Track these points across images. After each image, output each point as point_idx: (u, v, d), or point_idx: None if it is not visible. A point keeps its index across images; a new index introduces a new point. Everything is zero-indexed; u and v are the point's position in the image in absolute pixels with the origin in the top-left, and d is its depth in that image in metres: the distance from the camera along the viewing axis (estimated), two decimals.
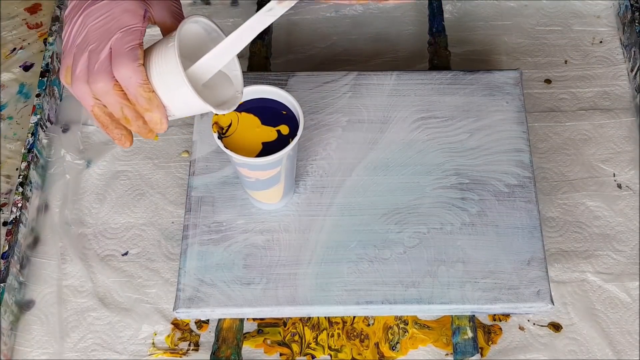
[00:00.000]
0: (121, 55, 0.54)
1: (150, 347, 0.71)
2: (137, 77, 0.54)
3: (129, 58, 0.54)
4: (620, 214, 0.76)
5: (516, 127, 0.75)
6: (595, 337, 0.70)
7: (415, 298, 0.67)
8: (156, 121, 0.56)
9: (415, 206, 0.71)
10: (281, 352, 0.70)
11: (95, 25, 0.55)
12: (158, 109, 0.56)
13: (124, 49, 0.54)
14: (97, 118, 0.57)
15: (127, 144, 0.58)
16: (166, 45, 0.55)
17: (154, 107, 0.55)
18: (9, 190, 0.80)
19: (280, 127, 0.64)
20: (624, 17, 0.86)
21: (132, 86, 0.54)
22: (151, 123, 0.57)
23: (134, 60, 0.54)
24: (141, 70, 0.54)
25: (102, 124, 0.57)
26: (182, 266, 0.69)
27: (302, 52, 0.88)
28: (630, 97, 0.83)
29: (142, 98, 0.55)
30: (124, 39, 0.54)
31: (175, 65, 0.54)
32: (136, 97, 0.55)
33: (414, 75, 0.78)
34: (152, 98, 0.55)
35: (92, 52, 0.55)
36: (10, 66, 0.89)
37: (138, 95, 0.55)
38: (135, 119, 0.56)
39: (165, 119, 0.56)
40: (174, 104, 0.56)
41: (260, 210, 0.71)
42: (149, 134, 0.58)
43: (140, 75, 0.54)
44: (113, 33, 0.54)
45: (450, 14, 0.90)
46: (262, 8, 0.55)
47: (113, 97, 0.55)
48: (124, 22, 0.55)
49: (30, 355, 0.71)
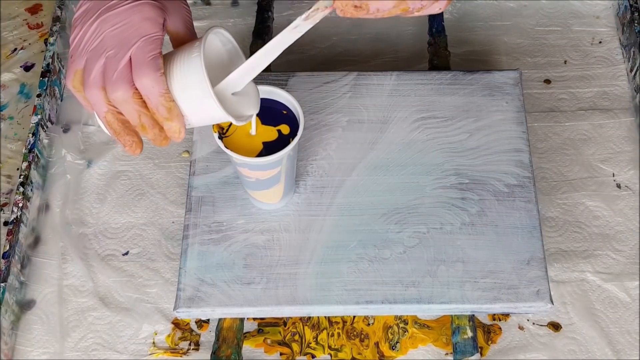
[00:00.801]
0: (143, 64, 0.54)
1: (151, 347, 0.71)
2: (160, 86, 0.54)
3: (151, 68, 0.54)
4: (620, 213, 0.76)
5: (516, 127, 0.75)
6: (594, 337, 0.70)
7: (415, 298, 0.67)
8: (175, 130, 0.56)
9: (415, 206, 0.71)
10: (281, 352, 0.70)
11: (113, 32, 0.54)
12: (178, 119, 0.56)
13: (146, 58, 0.54)
14: (109, 125, 0.57)
15: (137, 150, 0.58)
16: (189, 55, 0.55)
17: (174, 116, 0.55)
18: (10, 190, 0.80)
19: (281, 127, 0.65)
20: (623, 17, 0.86)
21: (154, 96, 0.54)
22: (169, 132, 0.57)
23: (156, 70, 0.54)
24: (163, 80, 0.54)
25: (114, 131, 0.57)
26: (182, 266, 0.69)
27: (302, 52, 0.88)
28: (630, 97, 0.83)
29: (163, 107, 0.55)
30: (145, 47, 0.54)
31: (201, 77, 0.54)
32: (157, 107, 0.55)
33: (414, 76, 0.78)
34: (173, 108, 0.55)
35: (110, 59, 0.54)
36: (11, 66, 0.89)
37: (159, 105, 0.55)
38: (152, 127, 0.56)
39: (183, 128, 0.56)
40: (194, 114, 0.56)
41: (260, 210, 0.71)
42: (163, 141, 0.57)
43: (162, 85, 0.54)
44: (133, 41, 0.54)
45: (450, 14, 0.90)
46: (289, 26, 0.54)
47: (132, 106, 0.55)
48: (145, 30, 0.54)
49: (31, 354, 0.71)
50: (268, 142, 0.64)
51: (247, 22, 0.90)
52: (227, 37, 0.59)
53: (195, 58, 0.54)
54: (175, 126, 0.56)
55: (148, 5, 0.55)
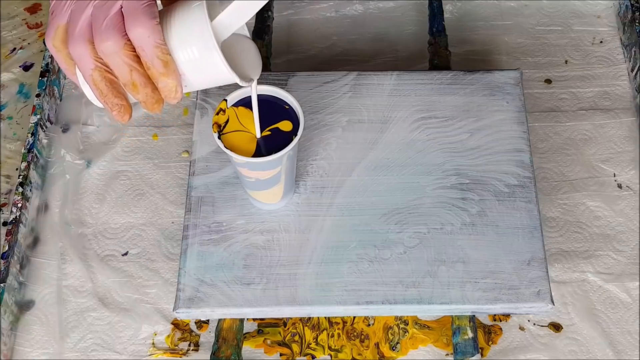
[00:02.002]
0: (136, 11, 0.49)
1: (150, 347, 0.71)
2: (155, 36, 0.49)
3: (146, 15, 0.49)
4: (621, 214, 0.76)
5: (516, 127, 0.75)
6: (595, 337, 0.70)
7: (416, 298, 0.67)
8: (171, 88, 0.51)
9: (416, 206, 0.71)
10: (281, 352, 0.70)
11: None
12: (174, 75, 0.51)
13: (139, 5, 0.49)
14: (95, 84, 0.51)
15: (126, 116, 0.53)
16: (189, 5, 0.50)
17: (171, 71, 0.50)
18: (9, 190, 0.80)
19: (283, 123, 0.64)
20: (624, 17, 0.86)
21: (149, 47, 0.49)
22: (164, 90, 0.51)
23: (152, 17, 0.49)
24: (159, 29, 0.49)
25: (101, 92, 0.52)
26: (182, 266, 0.68)
27: (302, 52, 0.88)
28: (631, 97, 0.83)
29: (159, 61, 0.50)
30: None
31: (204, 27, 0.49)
32: (152, 60, 0.50)
33: (414, 75, 0.78)
34: (170, 61, 0.50)
35: (98, 7, 0.49)
36: (10, 66, 0.89)
37: (154, 57, 0.49)
38: (143, 86, 0.51)
39: (180, 87, 0.51)
40: (193, 71, 0.52)
41: (260, 210, 0.71)
42: (155, 104, 0.52)
43: (159, 34, 0.49)
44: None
45: (451, 14, 0.90)
46: None
47: (122, 58, 0.49)
48: None
49: (30, 355, 0.71)
50: (262, 137, 0.63)
51: (247, 22, 0.89)
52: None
53: (196, 7, 0.50)
54: (172, 83, 0.51)
55: None
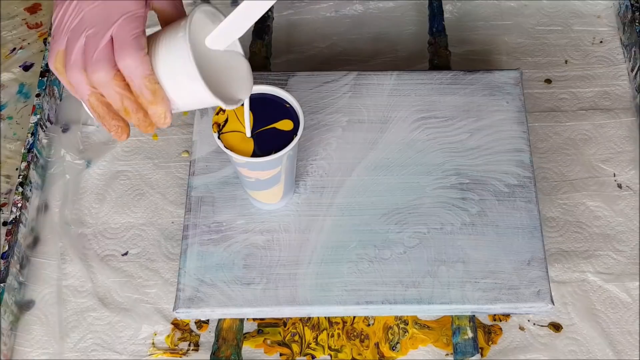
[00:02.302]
0: (125, 43, 0.51)
1: (150, 347, 0.71)
2: (143, 67, 0.51)
3: (134, 47, 0.51)
4: (621, 214, 0.76)
5: (516, 127, 0.75)
6: (595, 337, 0.70)
7: (416, 298, 0.67)
8: (160, 115, 0.53)
9: (416, 206, 0.71)
10: (281, 352, 0.70)
11: (93, 10, 0.51)
12: (163, 102, 0.53)
13: (128, 37, 0.51)
14: (92, 108, 0.54)
15: (123, 136, 0.55)
16: (175, 35, 0.52)
17: (159, 100, 0.52)
18: (9, 190, 0.80)
19: (283, 122, 0.64)
20: (624, 16, 0.86)
21: (137, 77, 0.51)
22: (154, 116, 0.53)
23: (140, 49, 0.51)
24: (147, 60, 0.51)
25: (98, 115, 0.54)
26: (182, 266, 0.68)
27: (302, 52, 0.88)
28: (631, 97, 0.83)
29: (147, 90, 0.52)
30: (127, 26, 0.51)
31: (186, 58, 0.51)
32: (141, 89, 0.52)
33: (414, 75, 0.78)
34: (158, 90, 0.52)
35: (90, 38, 0.51)
36: (10, 66, 0.89)
37: (143, 87, 0.52)
38: (135, 112, 0.53)
39: (169, 112, 0.53)
40: (180, 97, 0.54)
41: (260, 210, 0.71)
42: (148, 127, 0.54)
43: (147, 65, 0.51)
44: (114, 19, 0.51)
45: (451, 14, 0.90)
46: None
47: (113, 88, 0.52)
48: (126, 7, 0.51)
49: (30, 355, 0.71)
50: (262, 137, 0.63)
51: None
52: (217, 15, 0.55)
53: (180, 38, 0.51)
54: (161, 110, 0.53)
55: None
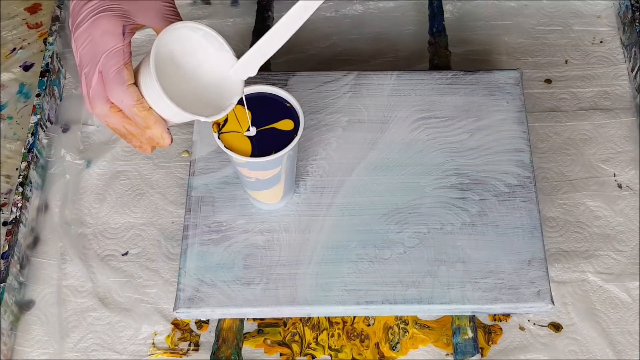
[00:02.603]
0: (109, 80, 0.55)
1: (150, 347, 0.71)
2: (128, 98, 0.55)
3: (117, 82, 0.54)
4: (621, 214, 0.76)
5: (516, 127, 0.75)
6: (595, 337, 0.70)
7: (416, 298, 0.67)
8: (157, 136, 0.57)
9: (416, 206, 0.71)
10: (281, 352, 0.70)
11: (83, 50, 0.56)
12: (156, 125, 0.56)
13: (110, 74, 0.55)
14: (114, 132, 0.59)
15: (148, 150, 0.60)
16: (147, 64, 0.55)
17: (152, 123, 0.56)
18: (9, 190, 0.80)
19: (284, 122, 0.64)
20: (624, 17, 0.86)
21: (126, 108, 0.55)
22: (153, 139, 0.58)
23: (122, 83, 0.55)
24: (132, 90, 0.55)
25: (122, 136, 0.59)
26: (182, 266, 0.68)
27: (302, 52, 0.88)
28: (631, 97, 0.83)
29: (138, 117, 0.56)
30: (107, 63, 0.55)
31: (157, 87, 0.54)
32: (133, 117, 0.56)
33: (414, 75, 0.78)
34: (148, 116, 0.56)
35: (87, 76, 0.56)
36: (10, 66, 0.89)
37: (134, 115, 0.56)
38: (140, 134, 0.58)
39: (165, 132, 0.57)
40: (170, 117, 0.57)
41: (260, 210, 0.71)
42: (158, 144, 0.59)
43: (131, 96, 0.55)
44: (98, 58, 0.55)
45: (451, 14, 0.90)
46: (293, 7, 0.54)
47: (113, 119, 0.56)
48: (104, 45, 0.55)
49: (30, 355, 0.71)
50: (262, 137, 0.63)
51: (247, 22, 0.90)
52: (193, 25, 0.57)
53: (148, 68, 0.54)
54: (157, 132, 0.57)
55: (104, 18, 0.55)
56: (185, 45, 0.58)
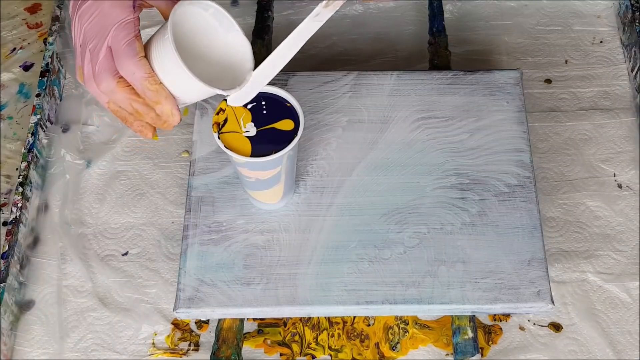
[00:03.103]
0: (120, 52, 0.54)
1: (150, 347, 0.71)
2: (141, 71, 0.54)
3: (128, 54, 0.53)
4: (621, 214, 0.76)
5: (516, 127, 0.75)
6: (595, 337, 0.70)
7: (416, 298, 0.67)
8: (167, 113, 0.56)
9: (416, 206, 0.71)
10: (281, 352, 0.70)
11: (89, 25, 0.55)
12: (167, 100, 0.55)
13: (121, 46, 0.54)
14: (115, 114, 0.57)
15: (149, 134, 0.58)
16: (163, 36, 0.54)
17: (163, 98, 0.55)
18: (9, 190, 0.80)
19: (284, 122, 0.64)
20: (624, 17, 0.86)
21: (138, 81, 0.54)
22: (163, 115, 0.57)
23: (134, 55, 0.54)
24: (143, 63, 0.54)
25: (121, 118, 0.58)
26: (182, 266, 0.68)
27: (302, 52, 0.87)
28: (631, 97, 0.83)
29: (149, 91, 0.55)
30: (118, 35, 0.54)
31: (174, 58, 0.53)
32: (143, 91, 0.55)
33: (414, 75, 0.78)
34: (159, 90, 0.55)
35: (92, 52, 0.55)
36: (10, 66, 0.89)
37: (145, 89, 0.55)
38: (147, 112, 0.56)
39: (176, 109, 0.56)
40: (183, 92, 0.56)
41: (260, 210, 0.71)
42: (164, 124, 0.58)
43: (144, 68, 0.54)
44: (107, 30, 0.54)
45: (451, 14, 0.90)
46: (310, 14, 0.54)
47: (120, 94, 0.55)
48: (115, 17, 0.54)
49: (30, 355, 0.71)
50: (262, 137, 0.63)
51: (247, 22, 0.90)
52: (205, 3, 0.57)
53: (165, 40, 0.54)
54: (167, 108, 0.56)
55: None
56: (196, 24, 0.58)
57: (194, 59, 0.59)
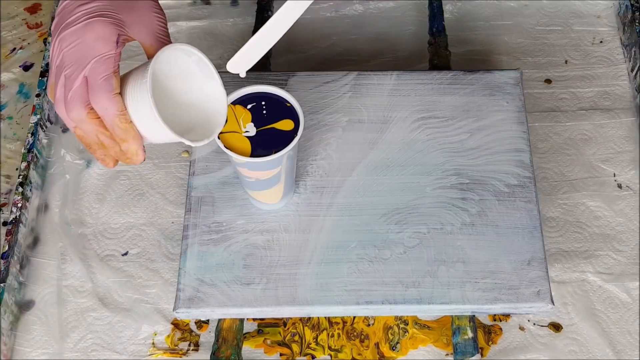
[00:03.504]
0: (96, 86, 0.53)
1: (150, 347, 0.71)
2: (113, 107, 0.54)
3: (104, 89, 0.53)
4: (621, 214, 0.76)
5: (516, 127, 0.75)
6: (595, 337, 0.70)
7: (416, 298, 0.67)
8: (132, 152, 0.56)
9: (416, 206, 0.71)
10: (281, 352, 0.70)
11: (69, 51, 0.54)
12: (134, 140, 0.55)
13: (98, 80, 0.53)
14: (80, 139, 0.57)
15: (110, 164, 0.58)
16: (141, 78, 0.54)
17: (130, 137, 0.55)
18: (9, 190, 0.80)
19: (284, 122, 0.64)
20: (624, 17, 0.86)
21: (109, 117, 0.54)
22: (127, 153, 0.56)
23: (109, 91, 0.53)
24: (117, 100, 0.54)
25: (86, 145, 0.57)
26: (182, 266, 0.68)
27: (302, 52, 0.88)
28: (631, 97, 0.83)
29: (119, 129, 0.54)
30: (97, 69, 0.54)
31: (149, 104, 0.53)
32: (112, 128, 0.55)
33: (414, 75, 0.78)
34: (129, 129, 0.55)
35: (67, 78, 0.54)
36: (10, 66, 0.89)
37: (114, 126, 0.54)
38: (112, 146, 0.56)
39: (141, 149, 0.56)
40: (151, 135, 0.56)
41: (260, 210, 0.71)
42: (126, 160, 0.57)
43: (117, 106, 0.54)
44: (87, 61, 0.54)
45: (451, 14, 0.90)
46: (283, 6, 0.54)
47: (89, 125, 0.55)
48: (97, 50, 0.54)
49: (30, 355, 0.71)
50: (262, 137, 0.63)
51: (247, 22, 0.90)
52: (189, 49, 0.57)
53: (143, 84, 0.54)
54: (132, 148, 0.56)
55: (101, 23, 0.54)
56: (176, 68, 0.58)
57: (168, 100, 0.59)
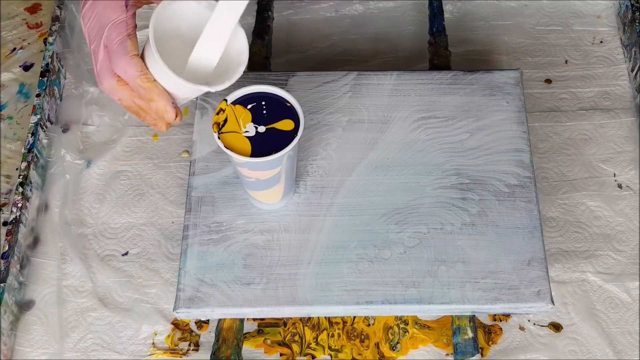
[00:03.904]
0: (112, 52, 0.54)
1: (150, 347, 0.71)
2: (132, 69, 0.54)
3: (119, 53, 0.54)
4: (621, 214, 0.76)
5: (516, 127, 0.75)
6: (595, 337, 0.70)
7: (416, 298, 0.67)
8: (161, 109, 0.56)
9: (416, 206, 0.71)
10: (281, 352, 0.70)
11: (90, 26, 0.56)
12: (160, 97, 0.56)
13: (113, 46, 0.54)
14: (128, 110, 0.58)
15: (163, 127, 0.59)
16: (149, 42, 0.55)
17: (155, 95, 0.55)
18: (9, 190, 0.80)
19: (284, 122, 0.64)
20: (624, 17, 0.86)
21: (130, 79, 0.55)
22: (158, 112, 0.57)
23: (125, 53, 0.54)
24: (135, 62, 0.54)
25: (134, 114, 0.58)
26: (182, 266, 0.68)
27: (302, 52, 0.88)
28: (631, 97, 0.83)
29: (142, 89, 0.55)
30: (110, 35, 0.54)
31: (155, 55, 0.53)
32: (137, 89, 0.55)
33: (414, 75, 0.78)
34: (152, 87, 0.55)
35: (94, 52, 0.56)
36: (10, 66, 0.89)
37: (138, 87, 0.55)
38: (148, 109, 0.57)
39: (169, 106, 0.56)
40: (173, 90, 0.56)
41: (260, 210, 0.71)
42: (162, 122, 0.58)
43: (134, 66, 0.54)
44: (102, 31, 0.55)
45: (451, 14, 0.90)
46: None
47: (121, 93, 0.56)
48: (108, 17, 0.55)
49: (30, 355, 0.71)
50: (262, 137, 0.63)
51: (247, 22, 0.90)
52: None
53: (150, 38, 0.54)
54: (161, 105, 0.56)
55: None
56: (191, 20, 0.58)
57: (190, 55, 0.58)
